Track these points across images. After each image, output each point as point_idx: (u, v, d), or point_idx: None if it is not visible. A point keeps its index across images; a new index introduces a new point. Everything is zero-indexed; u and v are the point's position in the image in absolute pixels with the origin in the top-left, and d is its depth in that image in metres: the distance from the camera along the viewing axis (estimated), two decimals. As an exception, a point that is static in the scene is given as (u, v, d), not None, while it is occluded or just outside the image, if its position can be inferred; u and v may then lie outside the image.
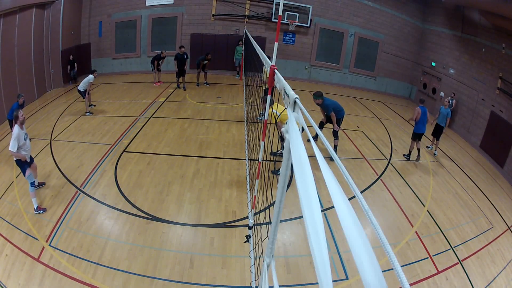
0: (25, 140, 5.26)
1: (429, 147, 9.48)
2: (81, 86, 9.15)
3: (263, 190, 4.43)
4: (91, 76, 9.16)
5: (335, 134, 7.84)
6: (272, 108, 3.55)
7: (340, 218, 0.83)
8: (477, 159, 9.75)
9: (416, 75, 14.71)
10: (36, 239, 4.81)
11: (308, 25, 14.12)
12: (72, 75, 12.20)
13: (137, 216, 5.43)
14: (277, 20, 4.22)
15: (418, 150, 8.38)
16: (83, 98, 9.36)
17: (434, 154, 9.16)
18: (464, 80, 11.49)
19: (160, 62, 12.24)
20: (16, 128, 5.14)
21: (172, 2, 13.64)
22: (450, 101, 11.07)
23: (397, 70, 15.06)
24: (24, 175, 5.36)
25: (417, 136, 8.22)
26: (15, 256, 4.50)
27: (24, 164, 5.27)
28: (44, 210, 5.38)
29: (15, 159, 5.33)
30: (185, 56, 11.94)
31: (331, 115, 7.63)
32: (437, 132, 9.07)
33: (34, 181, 5.35)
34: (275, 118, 4.87)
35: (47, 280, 4.17)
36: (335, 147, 7.81)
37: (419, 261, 5.14)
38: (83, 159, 7.05)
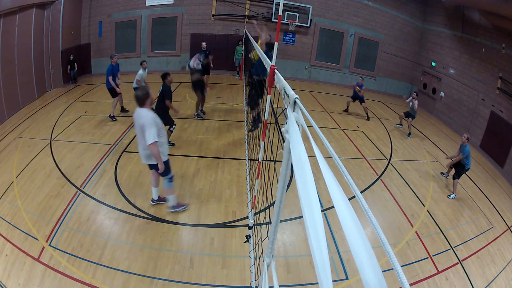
0: None
1: (444, 174, 8.00)
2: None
3: (263, 190, 4.44)
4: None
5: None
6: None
7: (340, 218, 0.83)
8: (477, 159, 9.75)
9: (416, 75, 14.71)
10: (36, 239, 4.81)
11: (308, 25, 14.12)
12: (72, 75, 12.20)
13: (137, 216, 5.44)
14: (277, 20, 4.22)
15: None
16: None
17: (449, 196, 7.14)
18: (464, 80, 11.49)
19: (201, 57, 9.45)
20: None
21: (172, 2, 13.64)
22: (411, 103, 10.00)
23: (397, 70, 15.06)
24: None
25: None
26: (15, 256, 4.50)
27: None
28: None
29: None
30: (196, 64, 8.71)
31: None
32: (459, 168, 7.19)
33: None
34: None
35: (47, 280, 4.17)
36: None
37: (419, 261, 5.14)
38: (83, 159, 7.05)
